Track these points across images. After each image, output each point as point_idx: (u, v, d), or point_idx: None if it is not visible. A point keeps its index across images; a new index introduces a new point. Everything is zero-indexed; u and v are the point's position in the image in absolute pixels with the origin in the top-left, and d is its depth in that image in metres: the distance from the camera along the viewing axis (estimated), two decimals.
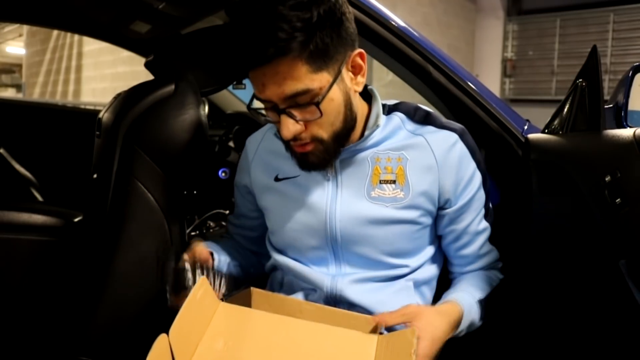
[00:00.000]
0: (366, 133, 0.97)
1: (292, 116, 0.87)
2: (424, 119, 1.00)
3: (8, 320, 1.32)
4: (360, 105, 0.98)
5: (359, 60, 0.92)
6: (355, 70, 0.92)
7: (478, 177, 1.00)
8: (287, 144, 0.94)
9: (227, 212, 1.65)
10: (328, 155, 0.93)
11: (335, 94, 0.89)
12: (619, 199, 0.98)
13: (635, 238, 0.98)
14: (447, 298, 0.97)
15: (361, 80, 0.93)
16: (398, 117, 1.00)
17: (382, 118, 0.98)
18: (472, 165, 0.99)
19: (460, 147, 0.98)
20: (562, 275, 1.07)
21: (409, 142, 0.98)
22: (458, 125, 1.00)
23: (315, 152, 0.92)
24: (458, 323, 0.93)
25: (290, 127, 0.88)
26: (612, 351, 1.03)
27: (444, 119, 1.01)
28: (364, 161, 0.98)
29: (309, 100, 0.86)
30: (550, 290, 1.09)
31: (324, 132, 0.90)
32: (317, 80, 0.85)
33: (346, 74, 0.90)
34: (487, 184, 1.03)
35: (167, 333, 0.79)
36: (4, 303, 1.32)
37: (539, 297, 1.11)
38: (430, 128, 0.99)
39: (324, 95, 0.86)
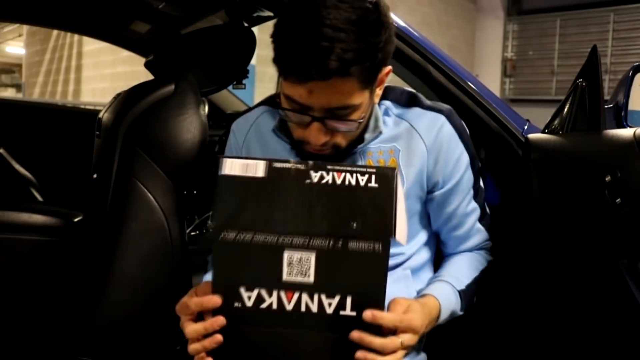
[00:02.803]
0: (367, 136, 0.97)
1: (325, 125, 0.86)
2: (409, 101, 1.00)
3: (8, 320, 1.32)
4: None
5: (385, 75, 0.92)
6: (379, 83, 0.92)
7: (465, 159, 0.99)
8: (298, 143, 0.93)
9: None
10: (337, 157, 0.93)
11: (369, 108, 0.90)
12: (619, 199, 0.98)
13: (635, 238, 0.98)
14: (427, 290, 0.95)
15: (379, 92, 0.94)
16: (385, 105, 1.00)
17: (382, 122, 0.98)
18: (460, 146, 0.98)
19: (448, 129, 0.97)
20: (562, 275, 1.07)
21: (397, 131, 0.98)
22: (445, 106, 1.00)
23: (329, 156, 0.92)
24: (437, 316, 0.91)
25: (322, 135, 0.87)
26: (612, 351, 1.03)
27: (430, 101, 1.01)
28: (355, 156, 0.98)
29: (349, 114, 0.85)
30: (550, 290, 1.09)
31: (345, 141, 0.91)
32: (361, 97, 0.86)
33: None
34: (477, 164, 1.02)
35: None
36: (4, 303, 1.31)
37: (539, 297, 1.10)
38: (416, 110, 0.99)
39: (366, 113, 0.88)
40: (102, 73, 8.03)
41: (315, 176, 0.79)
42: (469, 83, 1.23)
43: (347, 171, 0.79)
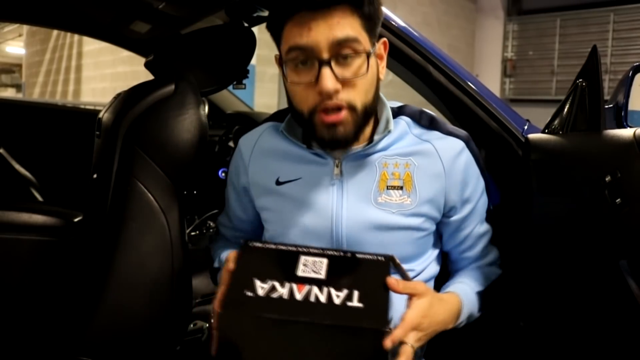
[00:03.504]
0: (376, 137, 0.96)
1: (333, 71, 0.86)
2: (429, 124, 1.00)
3: (8, 320, 1.32)
4: None
5: (382, 49, 0.95)
6: (379, 58, 0.95)
7: (481, 184, 1.02)
8: (311, 118, 0.91)
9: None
10: (354, 129, 0.91)
11: (373, 63, 0.91)
12: (619, 199, 0.98)
13: (635, 238, 0.98)
14: (448, 289, 0.98)
15: (382, 69, 0.95)
16: (404, 120, 1.00)
17: (392, 123, 0.97)
18: (477, 173, 1.01)
19: (467, 155, 0.98)
20: (562, 275, 1.07)
21: (416, 148, 0.97)
22: (463, 132, 1.01)
23: (345, 123, 0.89)
24: (458, 314, 0.94)
25: (332, 79, 0.85)
26: (612, 351, 1.03)
27: (449, 125, 1.02)
28: (371, 166, 0.96)
29: (354, 51, 0.86)
30: (550, 290, 1.09)
31: (358, 99, 0.89)
32: (364, 39, 0.88)
33: (376, 56, 0.93)
34: (489, 186, 1.05)
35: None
36: (4, 303, 1.31)
37: (539, 297, 1.10)
38: (437, 134, 0.98)
39: (371, 53, 0.88)
40: (102, 73, 8.02)
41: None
42: (469, 83, 1.23)
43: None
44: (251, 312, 0.78)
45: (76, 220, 1.38)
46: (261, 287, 0.81)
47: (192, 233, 1.66)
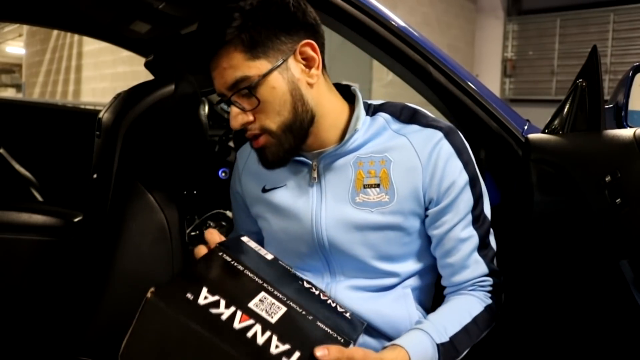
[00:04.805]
0: (346, 136, 0.95)
1: (238, 106, 0.90)
2: (410, 118, 0.97)
3: (8, 320, 1.32)
4: (338, 105, 0.97)
5: (309, 51, 0.91)
6: (308, 62, 0.92)
7: (463, 179, 0.95)
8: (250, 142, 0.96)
9: (227, 212, 1.65)
10: (282, 148, 0.92)
11: (278, 82, 0.89)
12: (619, 199, 0.98)
13: (635, 238, 0.98)
14: (399, 341, 0.87)
15: (315, 72, 0.92)
16: (382, 117, 0.97)
17: (362, 121, 0.95)
18: (458, 165, 0.94)
19: (445, 146, 0.94)
20: (562, 276, 1.07)
21: (392, 143, 0.95)
22: (445, 124, 0.97)
23: (269, 146, 0.92)
24: None
25: (238, 117, 0.90)
26: (612, 351, 1.03)
27: (430, 118, 0.98)
28: (346, 166, 0.95)
29: (248, 87, 0.88)
30: (550, 290, 1.10)
31: (271, 123, 0.91)
32: (254, 67, 0.88)
33: (295, 65, 0.91)
34: (478, 188, 0.97)
35: None
36: (4, 303, 1.32)
37: (539, 297, 1.11)
38: (415, 127, 0.96)
39: (258, 82, 0.88)
40: (102, 73, 8.03)
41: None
42: (469, 83, 1.23)
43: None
44: (179, 314, 0.70)
45: (76, 220, 1.38)
46: (204, 297, 0.72)
47: (192, 233, 1.66)
